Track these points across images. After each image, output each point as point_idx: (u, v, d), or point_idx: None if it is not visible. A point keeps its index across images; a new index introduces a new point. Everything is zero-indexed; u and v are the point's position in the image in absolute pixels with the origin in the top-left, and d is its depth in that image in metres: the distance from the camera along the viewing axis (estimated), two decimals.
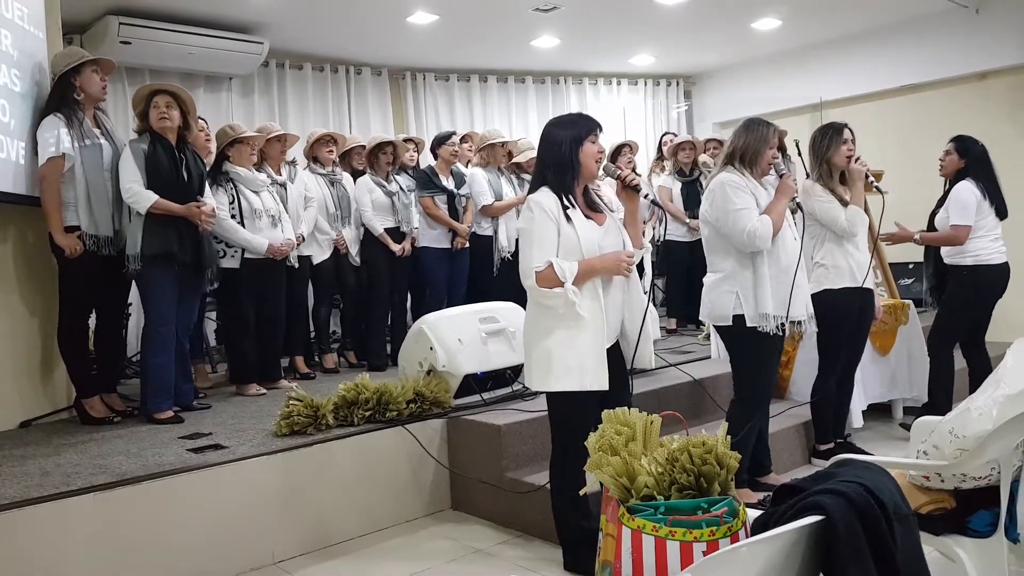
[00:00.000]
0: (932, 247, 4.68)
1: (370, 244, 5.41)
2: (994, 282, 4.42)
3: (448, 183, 5.51)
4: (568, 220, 2.79)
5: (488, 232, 5.66)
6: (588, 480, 2.40)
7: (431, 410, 3.81)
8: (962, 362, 4.63)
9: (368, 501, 3.55)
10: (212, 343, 5.81)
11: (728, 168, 3.40)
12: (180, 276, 4.05)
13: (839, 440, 4.14)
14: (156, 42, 6.06)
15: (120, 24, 5.86)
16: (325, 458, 3.45)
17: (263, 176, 4.76)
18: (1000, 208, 4.40)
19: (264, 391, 4.65)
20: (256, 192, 4.64)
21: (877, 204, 3.97)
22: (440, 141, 5.60)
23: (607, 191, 4.69)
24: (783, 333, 3.40)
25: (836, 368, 3.94)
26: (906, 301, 4.91)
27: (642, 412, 2.31)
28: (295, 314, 5.08)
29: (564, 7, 6.47)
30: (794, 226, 3.47)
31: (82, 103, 3.99)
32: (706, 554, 1.91)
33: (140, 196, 3.90)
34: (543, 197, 2.81)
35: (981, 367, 4.47)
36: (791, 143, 4.20)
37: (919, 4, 6.88)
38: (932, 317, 4.71)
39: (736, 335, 3.41)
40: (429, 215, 5.44)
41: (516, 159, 5.84)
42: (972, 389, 3.95)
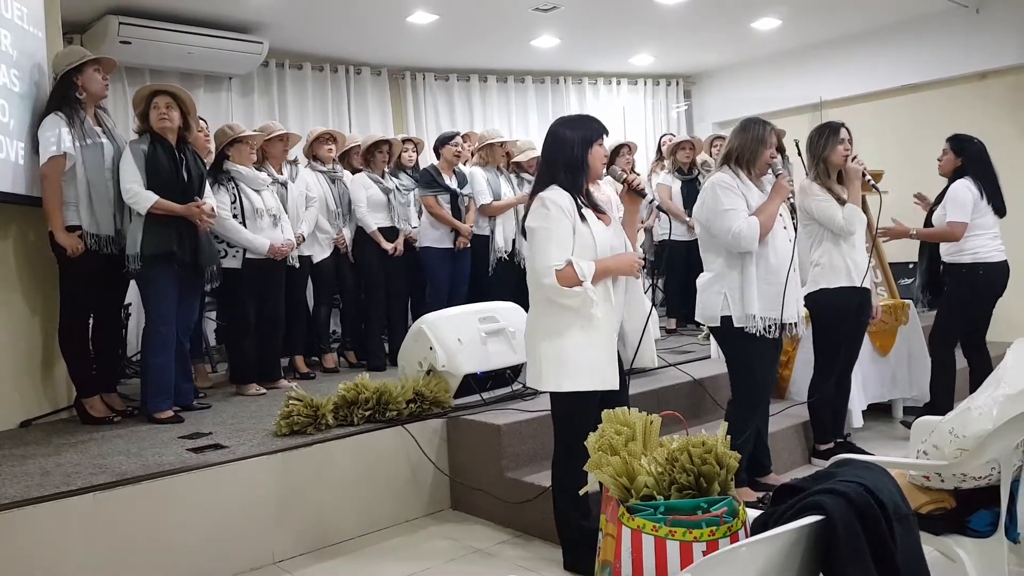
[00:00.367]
0: (927, 244, 4.69)
1: (363, 243, 5.40)
2: (993, 281, 4.41)
3: (451, 183, 5.51)
4: (583, 220, 2.80)
5: (486, 232, 5.66)
6: (589, 480, 2.40)
7: (431, 410, 3.81)
8: (963, 361, 4.63)
9: (368, 501, 3.55)
10: (212, 343, 5.81)
11: (724, 168, 3.41)
12: (180, 276, 4.05)
13: (839, 440, 4.14)
14: (156, 42, 6.06)
15: (120, 24, 5.87)
16: (325, 458, 3.45)
17: (264, 175, 4.76)
18: (998, 206, 4.40)
19: (264, 391, 4.65)
20: (257, 191, 4.64)
21: (875, 203, 3.97)
22: (443, 141, 5.60)
23: (605, 190, 4.68)
24: (774, 335, 3.36)
25: (834, 368, 3.94)
26: (906, 301, 4.91)
27: (642, 412, 2.31)
28: (295, 314, 5.08)
29: (564, 7, 6.47)
30: (790, 227, 3.44)
31: (84, 102, 3.99)
32: (706, 554, 1.91)
33: (140, 196, 3.90)
34: (557, 195, 2.79)
35: (981, 367, 4.47)
36: (791, 143, 4.20)
37: (919, 4, 6.88)
38: (925, 315, 4.71)
39: (725, 335, 3.42)
40: (432, 214, 5.43)
41: (517, 158, 5.84)
42: (972, 389, 3.95)
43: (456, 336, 4.01)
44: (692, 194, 6.24)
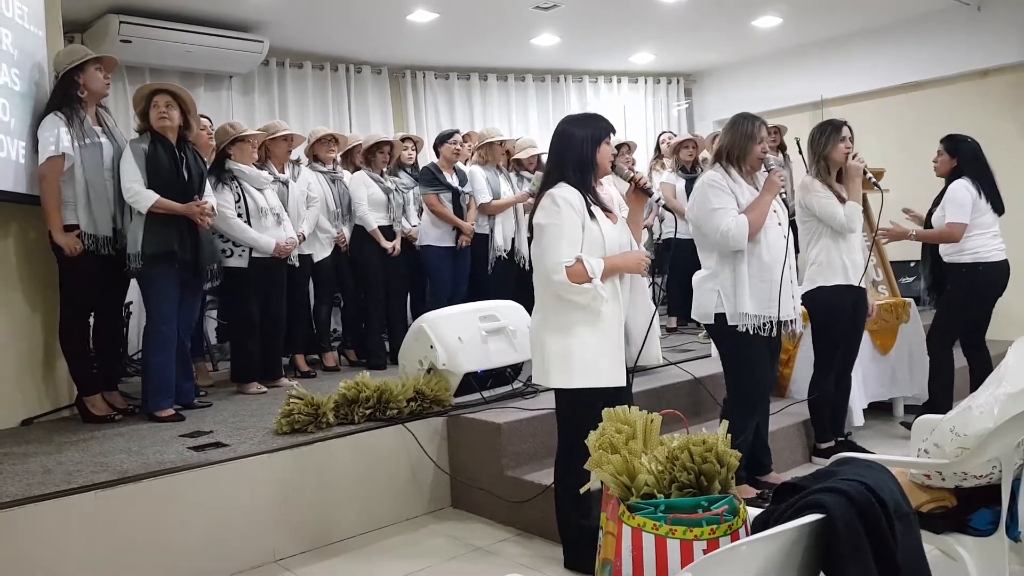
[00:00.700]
0: (929, 245, 4.68)
1: (362, 242, 5.39)
2: (993, 280, 4.40)
3: (452, 180, 5.51)
4: (592, 217, 2.80)
5: (486, 230, 5.65)
6: (591, 478, 2.40)
7: (431, 408, 3.81)
8: (963, 360, 4.62)
9: (368, 499, 3.55)
10: (213, 341, 5.81)
11: (715, 167, 3.40)
12: (181, 275, 4.05)
13: (839, 438, 4.14)
14: (156, 41, 6.07)
15: (120, 23, 5.87)
16: (326, 456, 3.46)
17: (266, 174, 4.76)
18: (996, 204, 4.38)
19: (265, 389, 4.65)
20: (260, 190, 4.64)
21: (876, 202, 3.96)
22: (443, 139, 5.60)
23: (607, 189, 4.68)
24: (770, 333, 3.34)
25: (833, 366, 3.93)
26: (907, 299, 4.91)
27: (642, 410, 2.31)
28: (296, 313, 5.08)
29: (564, 5, 6.47)
30: (784, 223, 3.41)
31: (85, 101, 3.99)
32: (706, 552, 1.91)
33: (141, 196, 3.90)
34: (567, 192, 2.80)
35: (982, 366, 4.46)
36: (791, 141, 4.20)
37: (920, 2, 6.87)
38: (926, 314, 4.70)
39: (719, 333, 3.41)
40: (435, 213, 5.42)
41: (517, 155, 5.83)
42: (973, 388, 3.96)
43: (457, 335, 4.01)
44: None
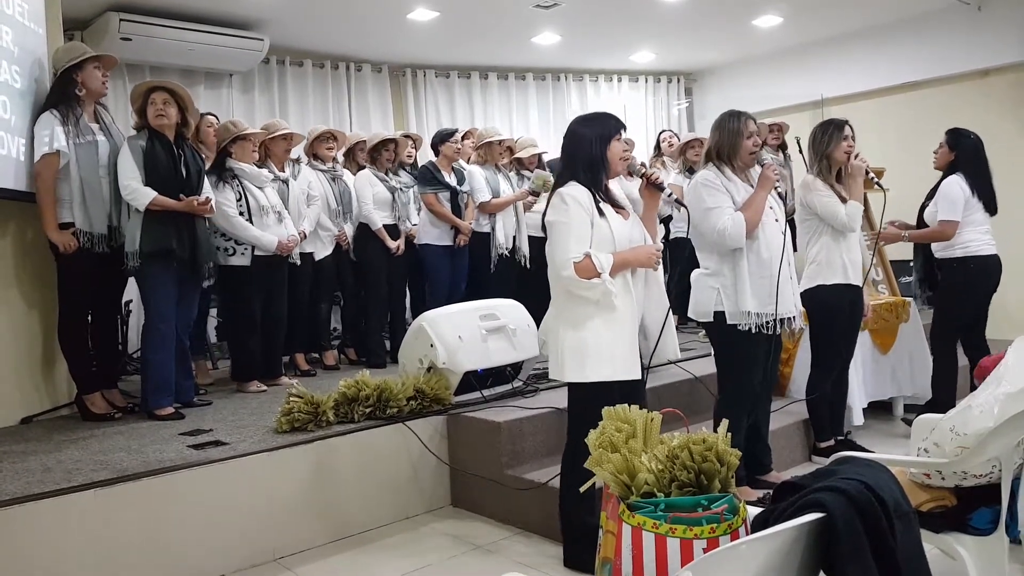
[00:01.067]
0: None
1: (365, 241, 5.39)
2: (985, 272, 4.36)
3: (450, 179, 5.51)
4: (601, 214, 2.82)
5: (486, 229, 5.65)
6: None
7: (431, 407, 3.81)
8: (963, 359, 4.62)
9: (368, 498, 3.55)
10: (213, 339, 5.81)
11: (708, 166, 3.40)
12: (179, 273, 4.05)
13: (839, 437, 4.13)
14: (156, 38, 6.07)
15: (120, 20, 5.87)
16: (326, 455, 3.46)
17: (266, 172, 4.76)
18: (989, 204, 4.36)
19: (265, 388, 4.65)
20: (260, 188, 4.64)
21: (878, 201, 3.96)
22: (442, 138, 5.59)
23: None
24: (770, 332, 3.33)
25: (832, 364, 3.93)
26: (907, 299, 4.91)
27: (643, 409, 2.31)
28: (296, 311, 5.08)
29: (565, 4, 6.47)
30: (782, 219, 3.40)
31: (83, 99, 3.99)
32: (706, 551, 1.91)
33: (139, 193, 3.90)
34: (575, 190, 2.82)
35: None
36: (792, 140, 4.20)
37: (920, 1, 6.87)
38: (925, 311, 4.69)
39: (717, 331, 3.41)
40: (432, 211, 5.42)
41: (518, 154, 5.83)
42: (973, 387, 3.95)
43: (457, 333, 4.00)
44: None
